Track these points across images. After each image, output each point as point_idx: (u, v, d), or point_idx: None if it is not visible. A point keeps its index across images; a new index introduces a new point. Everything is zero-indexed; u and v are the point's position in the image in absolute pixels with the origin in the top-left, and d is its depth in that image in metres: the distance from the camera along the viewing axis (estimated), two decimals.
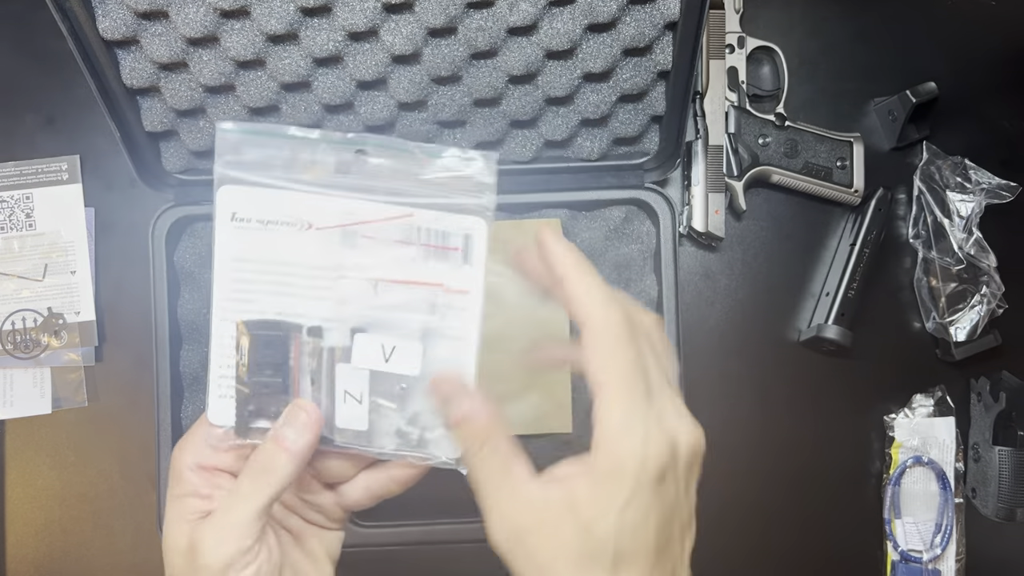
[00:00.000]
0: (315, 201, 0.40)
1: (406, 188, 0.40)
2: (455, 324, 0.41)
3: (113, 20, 0.54)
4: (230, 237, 0.40)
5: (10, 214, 0.69)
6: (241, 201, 0.40)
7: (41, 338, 0.68)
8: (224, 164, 0.40)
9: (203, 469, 0.41)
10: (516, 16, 0.55)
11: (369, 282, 0.41)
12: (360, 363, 0.41)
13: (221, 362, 0.41)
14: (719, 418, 0.70)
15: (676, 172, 0.69)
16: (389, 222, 0.41)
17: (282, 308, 0.41)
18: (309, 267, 0.40)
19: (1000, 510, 0.66)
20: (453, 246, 0.41)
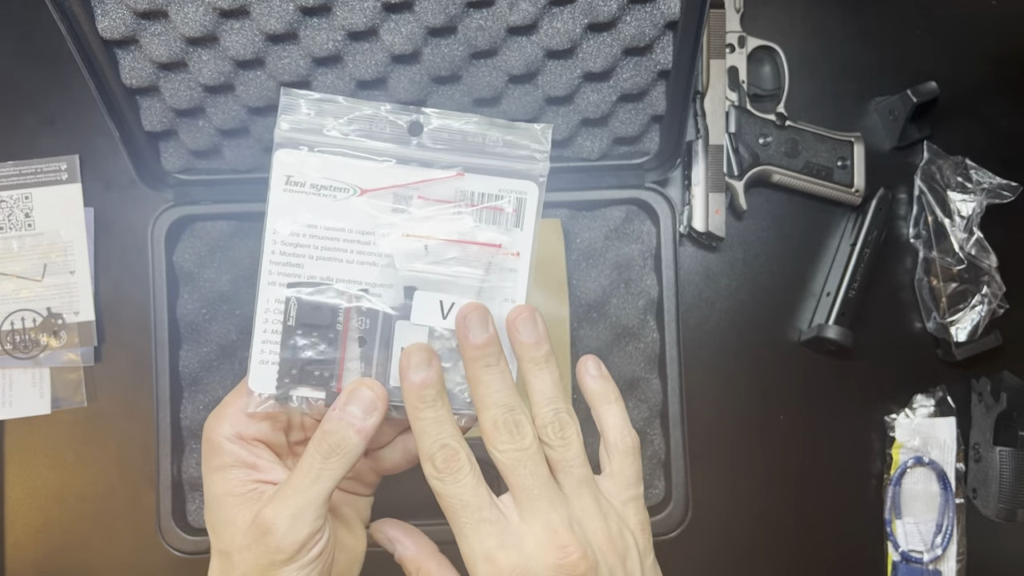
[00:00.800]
0: (368, 167, 0.41)
1: (461, 156, 0.42)
2: (507, 285, 0.42)
3: (112, 20, 0.54)
4: (283, 201, 0.41)
5: (9, 214, 0.69)
6: (296, 165, 0.41)
7: (40, 338, 0.68)
8: (284, 127, 0.41)
9: (242, 439, 0.41)
10: (516, 15, 0.55)
11: (421, 242, 0.41)
12: (420, 319, 0.41)
13: (266, 327, 0.41)
14: (719, 418, 0.70)
15: (676, 172, 0.69)
16: (442, 185, 0.42)
17: (331, 273, 0.41)
18: (359, 231, 0.41)
19: (1001, 511, 0.66)
20: (506, 208, 0.42)
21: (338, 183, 0.41)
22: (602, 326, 0.66)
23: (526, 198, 0.42)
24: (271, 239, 0.41)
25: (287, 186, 0.41)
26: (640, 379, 0.65)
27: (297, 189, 0.41)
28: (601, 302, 0.66)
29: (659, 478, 0.64)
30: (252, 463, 0.41)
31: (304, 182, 0.41)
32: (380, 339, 0.42)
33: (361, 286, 0.42)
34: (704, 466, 0.68)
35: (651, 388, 0.65)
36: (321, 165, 0.41)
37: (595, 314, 0.66)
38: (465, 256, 0.42)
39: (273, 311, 0.41)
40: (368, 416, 0.40)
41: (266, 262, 0.41)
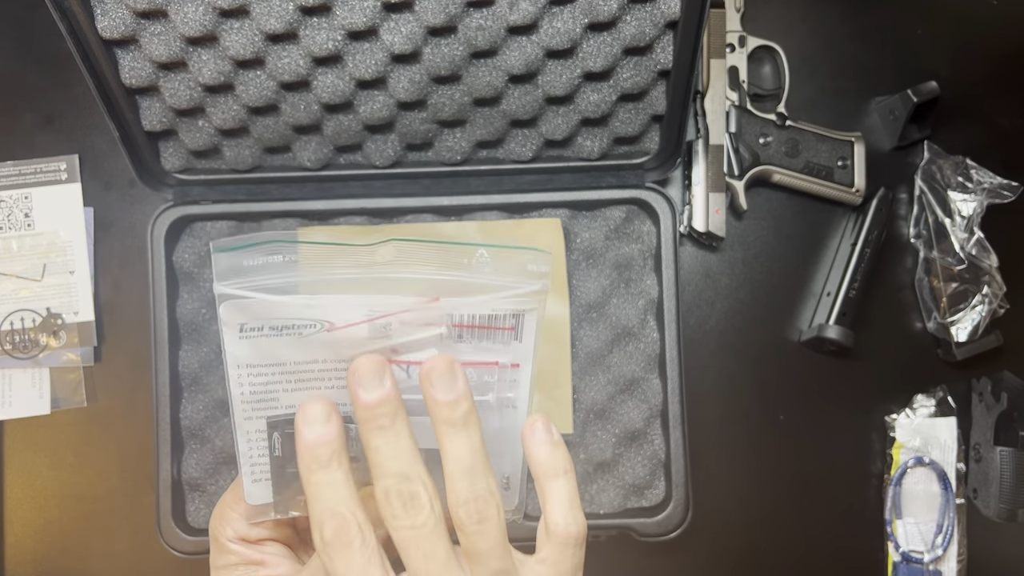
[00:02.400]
0: (334, 303, 0.36)
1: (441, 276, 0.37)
2: (508, 395, 0.40)
3: (112, 19, 0.54)
4: (240, 349, 0.37)
5: (8, 214, 0.69)
6: (247, 314, 0.36)
7: (40, 338, 0.68)
8: (223, 282, 0.36)
9: (246, 541, 0.40)
10: (516, 15, 0.55)
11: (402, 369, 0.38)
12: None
13: (251, 453, 0.39)
14: (719, 418, 0.69)
15: (677, 172, 0.69)
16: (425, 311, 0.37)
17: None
18: (334, 360, 0.37)
19: (1002, 511, 0.65)
20: (503, 327, 0.38)
21: (301, 321, 0.37)
22: (602, 326, 0.65)
23: (524, 315, 0.38)
24: (236, 383, 0.37)
25: (242, 334, 0.37)
26: (640, 379, 0.65)
27: (254, 335, 0.37)
28: (601, 302, 0.66)
29: (659, 478, 0.64)
30: (259, 560, 0.39)
31: (261, 327, 0.37)
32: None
33: (345, 408, 0.38)
34: (704, 466, 0.68)
35: (651, 388, 0.65)
36: (277, 309, 0.36)
37: (595, 314, 0.66)
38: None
39: (256, 440, 0.38)
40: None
41: (236, 402, 0.38)
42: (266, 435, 0.38)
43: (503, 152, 0.63)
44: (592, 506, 0.64)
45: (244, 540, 0.40)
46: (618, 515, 0.64)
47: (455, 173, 0.64)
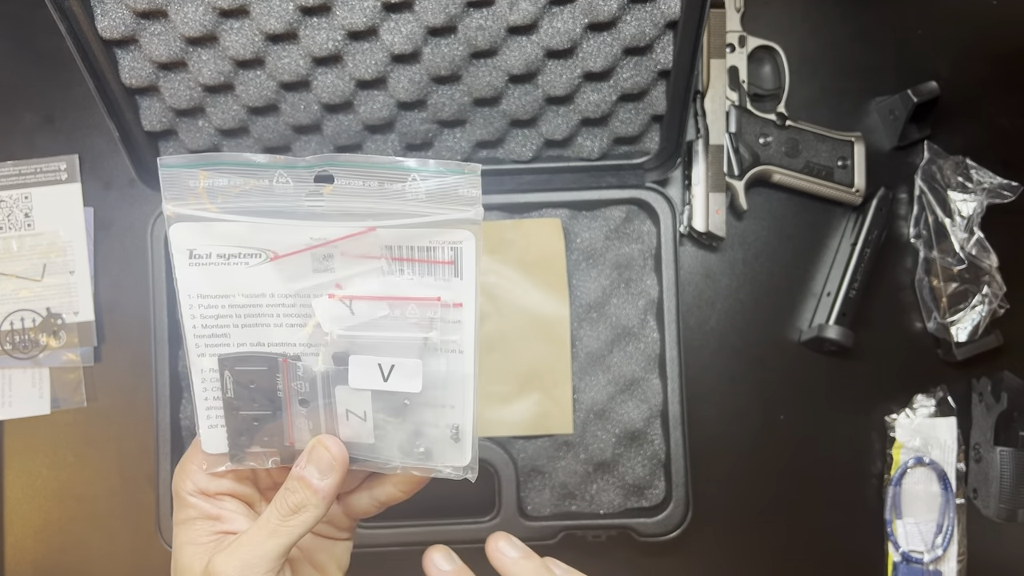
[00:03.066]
0: (277, 228, 0.38)
1: (382, 207, 0.38)
2: (453, 338, 0.40)
3: (112, 19, 0.54)
4: (191, 276, 0.38)
5: (9, 214, 0.69)
6: (196, 238, 0.38)
7: (40, 338, 0.68)
8: (172, 200, 0.37)
9: (205, 494, 0.41)
10: (516, 15, 0.55)
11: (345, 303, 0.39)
12: (359, 383, 0.39)
13: (207, 395, 0.40)
14: (720, 418, 0.69)
15: (677, 172, 0.69)
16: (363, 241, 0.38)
17: (260, 338, 0.39)
18: (280, 295, 0.39)
19: (1002, 511, 0.65)
20: (442, 259, 0.39)
21: (247, 249, 0.38)
22: (602, 326, 0.65)
23: (462, 247, 0.39)
24: (188, 315, 0.39)
25: (192, 260, 0.38)
26: (640, 379, 0.65)
27: (203, 262, 0.38)
28: (601, 302, 0.66)
29: (659, 478, 0.64)
30: (216, 515, 0.40)
31: (209, 253, 0.38)
32: (323, 400, 0.40)
33: (295, 348, 0.39)
34: (704, 466, 0.68)
35: (651, 388, 0.65)
36: (224, 234, 0.37)
37: (595, 314, 0.66)
38: (402, 313, 0.39)
39: (210, 380, 0.39)
40: (325, 476, 0.39)
41: (190, 336, 0.39)
42: (218, 375, 0.39)
43: (503, 152, 0.63)
44: (592, 506, 0.64)
45: (203, 493, 0.41)
46: (618, 515, 0.64)
47: None
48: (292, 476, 0.39)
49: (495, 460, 0.63)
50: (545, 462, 0.65)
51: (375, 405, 0.40)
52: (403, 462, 0.41)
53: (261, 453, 0.40)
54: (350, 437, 0.40)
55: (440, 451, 0.41)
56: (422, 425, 0.40)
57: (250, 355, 0.39)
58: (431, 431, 0.41)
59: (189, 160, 0.37)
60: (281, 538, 0.38)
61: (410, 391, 0.40)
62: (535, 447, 0.65)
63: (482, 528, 0.63)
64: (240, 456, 0.40)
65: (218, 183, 0.37)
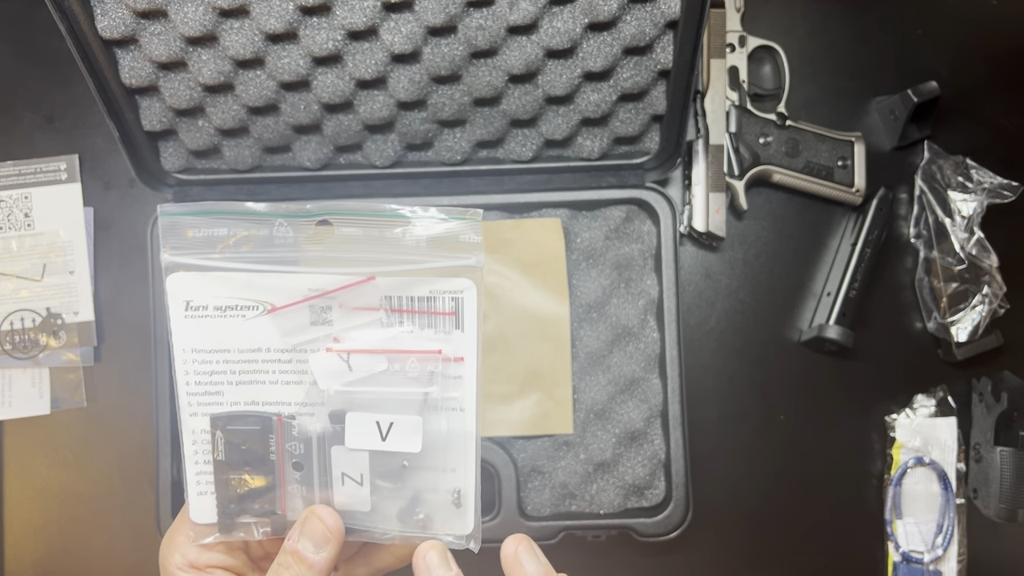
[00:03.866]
0: (276, 280, 0.37)
1: (382, 255, 0.37)
2: (454, 394, 0.38)
3: (112, 19, 0.54)
4: (186, 329, 0.38)
5: (8, 214, 0.69)
6: (194, 288, 0.37)
7: (40, 338, 0.68)
8: (171, 250, 0.37)
9: (195, 568, 0.39)
10: (516, 15, 0.55)
11: (343, 358, 0.38)
12: (356, 443, 0.38)
13: (197, 459, 0.39)
14: (720, 418, 0.69)
15: (677, 171, 0.69)
16: (361, 292, 0.37)
17: (254, 396, 0.38)
18: (277, 350, 0.38)
19: (1002, 511, 0.65)
20: (443, 311, 0.38)
21: (244, 301, 0.37)
22: (602, 326, 0.65)
23: (463, 297, 0.38)
24: (181, 371, 0.38)
25: (187, 312, 0.37)
26: (640, 379, 0.65)
27: (199, 314, 0.37)
28: (601, 302, 0.66)
29: (659, 478, 0.64)
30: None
31: (206, 305, 0.37)
32: (317, 464, 0.38)
33: (290, 407, 0.38)
34: (704, 466, 0.68)
35: (651, 388, 0.65)
36: (221, 285, 0.37)
37: (595, 314, 0.66)
38: (401, 367, 0.38)
39: (200, 442, 0.38)
40: (320, 550, 0.37)
41: (182, 393, 0.38)
42: (210, 436, 0.38)
43: (503, 152, 0.63)
44: (592, 506, 0.64)
45: (193, 567, 0.39)
46: (618, 515, 0.64)
47: (455, 173, 0.64)
48: (285, 550, 0.37)
49: (495, 460, 0.63)
50: (545, 462, 0.65)
51: (372, 469, 0.38)
52: (401, 531, 0.39)
53: (251, 523, 0.39)
54: (345, 504, 0.39)
55: (441, 518, 0.39)
56: (421, 490, 0.39)
57: (243, 414, 0.38)
58: (431, 496, 0.39)
59: (189, 208, 0.37)
60: None
61: (410, 451, 0.38)
62: (535, 447, 0.65)
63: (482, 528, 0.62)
64: (229, 526, 0.39)
65: (218, 232, 0.37)
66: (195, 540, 0.39)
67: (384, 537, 0.39)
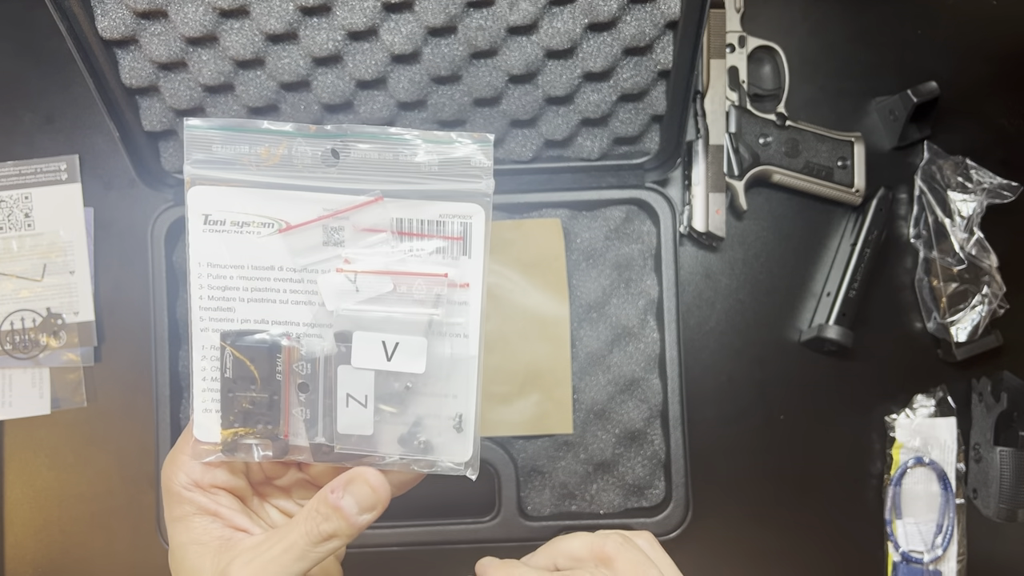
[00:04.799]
0: (292, 198, 0.38)
1: (395, 178, 0.38)
2: (458, 320, 0.39)
3: (112, 20, 0.54)
4: (204, 242, 0.38)
5: (9, 214, 0.69)
6: (214, 202, 0.38)
7: (40, 338, 0.68)
8: (194, 163, 0.38)
9: (200, 487, 0.39)
10: (516, 15, 0.55)
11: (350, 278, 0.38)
12: (362, 363, 0.38)
13: (204, 375, 0.39)
14: (720, 418, 0.69)
15: (677, 172, 0.69)
16: (372, 214, 0.38)
17: (265, 315, 0.39)
18: (289, 269, 0.39)
19: (1001, 511, 0.65)
20: (451, 235, 0.39)
21: (261, 218, 0.38)
22: (602, 326, 0.65)
23: (471, 222, 0.38)
24: (196, 283, 0.38)
25: (206, 226, 0.38)
26: (640, 379, 0.65)
27: (217, 228, 0.38)
28: (601, 302, 0.66)
29: (659, 478, 0.64)
30: (214, 511, 0.39)
31: (224, 220, 0.38)
32: (323, 384, 0.39)
33: (298, 328, 0.39)
34: (704, 466, 0.68)
35: (651, 388, 0.65)
36: (240, 200, 0.38)
37: (595, 314, 0.66)
38: (408, 290, 0.38)
39: (210, 358, 0.39)
40: (364, 513, 0.37)
41: (195, 307, 0.38)
42: (219, 352, 0.38)
43: (503, 152, 0.63)
44: (592, 506, 0.64)
45: (198, 486, 0.39)
46: (618, 515, 0.64)
47: None
48: (327, 502, 0.37)
49: (495, 460, 0.63)
50: (545, 462, 0.65)
51: (376, 391, 0.39)
52: (402, 455, 0.40)
53: (253, 444, 0.39)
54: (348, 427, 0.39)
55: (441, 443, 0.40)
56: (423, 416, 0.40)
57: (253, 331, 0.39)
58: (432, 422, 0.40)
59: (214, 123, 0.37)
60: (308, 562, 0.37)
61: (414, 371, 0.39)
62: (535, 447, 0.65)
63: (482, 528, 0.63)
64: (232, 446, 0.39)
65: (240, 149, 0.38)
66: (197, 457, 0.39)
67: (383, 462, 0.40)
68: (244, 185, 0.38)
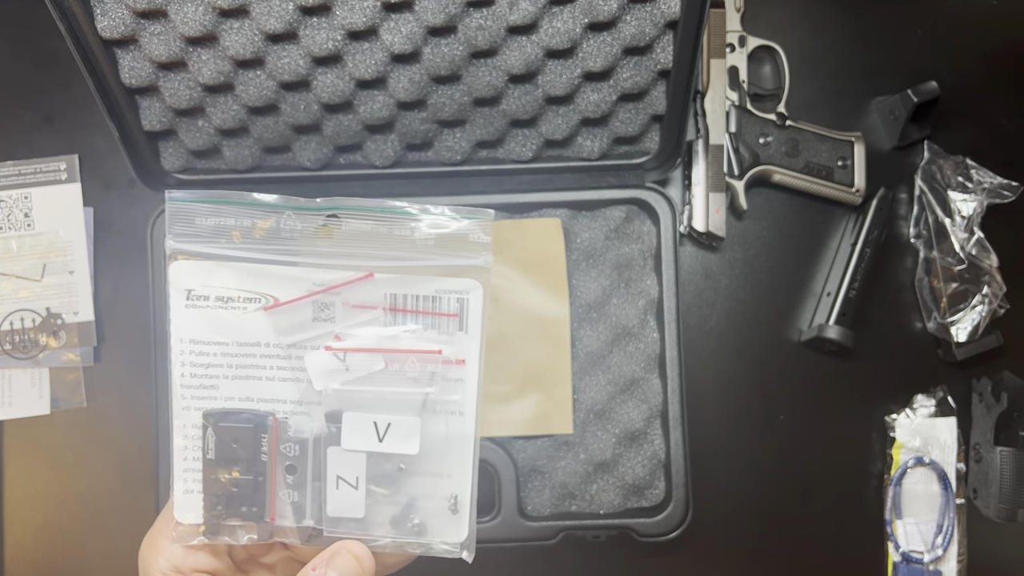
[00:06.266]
0: (279, 273, 0.37)
1: (390, 252, 0.37)
2: (454, 397, 0.38)
3: (112, 19, 0.54)
4: (186, 319, 0.37)
5: (8, 214, 0.69)
6: (197, 277, 0.37)
7: (39, 338, 0.68)
8: (176, 236, 0.36)
9: (179, 573, 0.38)
10: (516, 15, 0.55)
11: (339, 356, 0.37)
12: (352, 444, 0.37)
13: (186, 455, 0.38)
14: (720, 418, 0.69)
15: (677, 171, 0.69)
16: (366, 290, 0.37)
17: (250, 393, 0.37)
18: (275, 346, 0.37)
19: (1002, 511, 0.65)
20: (447, 311, 0.38)
21: (246, 293, 0.37)
22: (602, 326, 0.65)
23: (468, 298, 0.37)
24: (178, 360, 0.37)
25: (188, 301, 0.37)
26: (640, 379, 0.65)
27: (200, 304, 0.37)
28: (601, 302, 0.66)
29: (659, 478, 0.64)
30: None
31: (208, 295, 0.37)
32: (312, 467, 0.38)
33: (285, 406, 0.37)
34: (704, 466, 0.68)
35: (651, 388, 0.65)
36: (224, 275, 0.37)
37: (595, 314, 0.66)
38: (401, 367, 0.37)
39: (191, 437, 0.38)
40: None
41: (176, 385, 0.37)
42: (201, 432, 0.37)
43: (503, 152, 0.63)
44: (592, 506, 0.64)
45: (177, 571, 0.38)
46: (618, 515, 0.64)
47: (455, 173, 0.64)
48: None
49: (495, 460, 0.63)
50: (545, 462, 0.65)
51: (368, 473, 0.38)
52: (395, 537, 0.38)
53: (237, 527, 0.38)
54: (339, 510, 0.38)
55: (435, 525, 0.39)
56: (416, 496, 0.38)
57: (237, 411, 0.37)
58: (426, 503, 0.38)
59: (198, 196, 0.36)
60: None
61: (407, 453, 0.37)
62: (535, 447, 0.65)
63: (482, 528, 0.63)
64: (216, 528, 0.38)
65: (224, 221, 0.36)
66: (179, 541, 0.38)
67: (375, 544, 0.38)
68: (229, 260, 0.37)
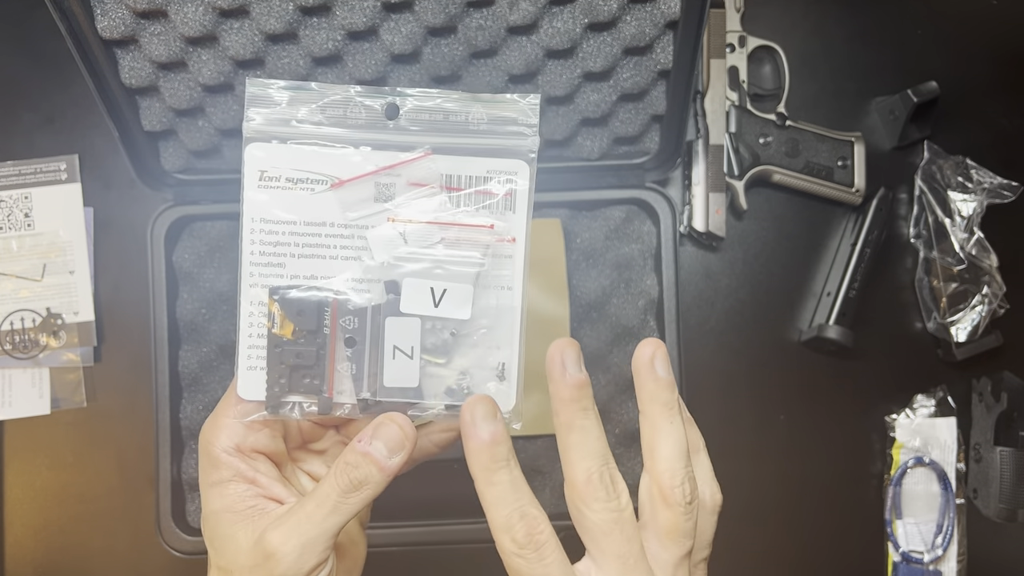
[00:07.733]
0: (343, 155, 0.40)
1: (441, 136, 0.40)
2: (504, 272, 0.40)
3: (112, 19, 0.54)
4: (258, 198, 0.40)
5: (8, 214, 0.69)
6: (269, 159, 0.39)
7: (40, 338, 0.68)
8: (251, 121, 0.39)
9: (240, 451, 0.39)
10: (516, 15, 0.55)
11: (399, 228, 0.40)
12: (409, 308, 0.40)
13: (251, 331, 0.40)
14: (719, 418, 0.69)
15: (677, 171, 0.69)
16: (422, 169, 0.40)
17: (315, 271, 0.40)
18: (339, 225, 0.40)
19: (1002, 511, 0.65)
20: (497, 191, 0.40)
21: (314, 175, 0.40)
22: (602, 326, 0.65)
23: (516, 178, 0.40)
24: (249, 239, 0.40)
25: (261, 182, 0.40)
26: None
27: (272, 184, 0.40)
28: (601, 302, 0.66)
29: None
30: (252, 477, 0.39)
31: (279, 176, 0.40)
32: (370, 338, 0.40)
33: (347, 283, 0.40)
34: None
35: None
36: (295, 157, 0.39)
37: (595, 314, 0.66)
38: (456, 240, 0.40)
39: (257, 314, 0.40)
40: (394, 455, 0.37)
41: (246, 263, 0.40)
42: (266, 308, 0.39)
43: None
44: None
45: (239, 450, 0.39)
46: None
47: None
48: (355, 451, 0.37)
49: None
50: (545, 462, 0.65)
51: (422, 343, 0.40)
52: (449, 404, 0.40)
53: (297, 403, 0.40)
54: (395, 380, 0.40)
55: (485, 392, 0.40)
56: (467, 367, 0.40)
57: (302, 286, 0.40)
58: (477, 372, 0.41)
59: (275, 82, 0.39)
60: (341, 515, 0.37)
61: (460, 318, 0.40)
62: (535, 447, 0.65)
63: (482, 528, 0.62)
64: (277, 404, 0.39)
65: (296, 106, 0.39)
66: (241, 417, 0.39)
67: (429, 413, 0.40)
68: (300, 141, 0.39)
